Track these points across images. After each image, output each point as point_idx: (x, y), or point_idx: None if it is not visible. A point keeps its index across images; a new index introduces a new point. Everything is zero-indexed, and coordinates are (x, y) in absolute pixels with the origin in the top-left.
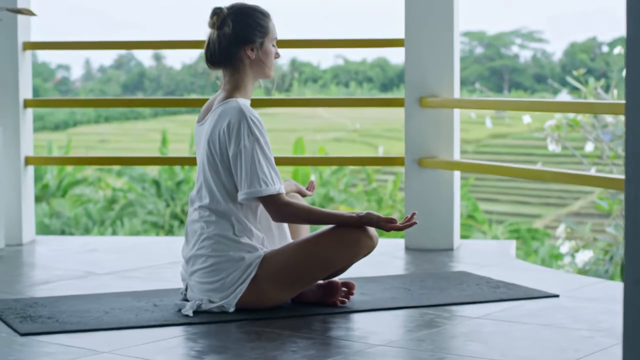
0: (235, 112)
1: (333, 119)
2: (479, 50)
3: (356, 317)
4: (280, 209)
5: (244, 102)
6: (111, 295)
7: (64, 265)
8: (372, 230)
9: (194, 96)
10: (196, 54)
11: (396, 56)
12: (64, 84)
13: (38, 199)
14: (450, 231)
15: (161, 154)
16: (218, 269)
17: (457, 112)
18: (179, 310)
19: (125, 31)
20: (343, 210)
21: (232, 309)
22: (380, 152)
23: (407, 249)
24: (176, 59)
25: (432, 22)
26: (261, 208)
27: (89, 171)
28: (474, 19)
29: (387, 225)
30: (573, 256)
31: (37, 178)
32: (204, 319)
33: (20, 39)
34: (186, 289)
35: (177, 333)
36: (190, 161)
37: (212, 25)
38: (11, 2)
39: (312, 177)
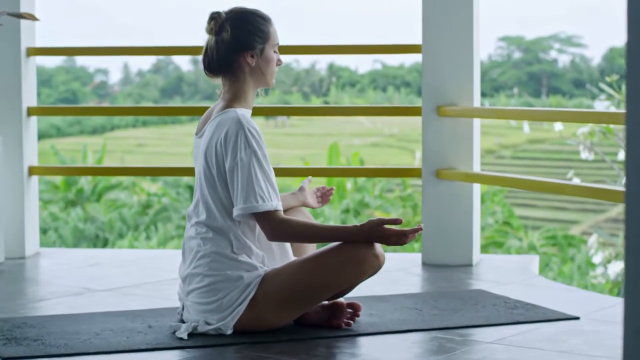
0: (232, 123)
1: (368, 123)
2: (517, 55)
3: (362, 340)
4: (276, 227)
5: (242, 112)
6: (105, 314)
7: (63, 280)
8: (379, 248)
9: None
10: None
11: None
12: (102, 88)
13: (73, 204)
14: (470, 246)
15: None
16: (215, 289)
17: (477, 121)
18: (174, 333)
19: (132, 36)
20: (380, 216)
21: (229, 332)
22: (418, 158)
23: (424, 264)
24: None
25: (450, 27)
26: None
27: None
28: (512, 23)
29: (390, 240)
30: (605, 267)
31: (72, 182)
32: (199, 342)
33: (23, 44)
34: (183, 309)
35: (169, 358)
36: (188, 172)
37: (210, 30)
38: (14, 7)
39: (328, 187)
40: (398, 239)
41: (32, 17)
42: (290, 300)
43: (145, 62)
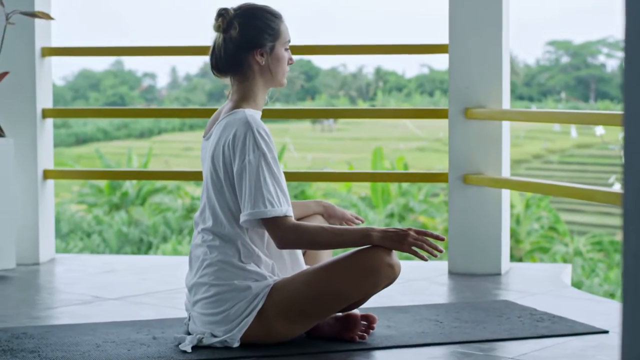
0: (240, 124)
1: (414, 127)
2: (565, 59)
3: (376, 355)
4: (286, 234)
5: (251, 113)
6: (110, 325)
7: (73, 288)
8: (394, 257)
9: (277, 105)
10: None
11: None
12: (149, 92)
13: (117, 207)
14: (498, 254)
15: None
16: (221, 299)
17: (506, 124)
18: (178, 345)
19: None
20: (424, 220)
21: (236, 344)
22: None
23: (450, 273)
24: None
25: (478, 26)
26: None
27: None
28: (561, 28)
29: (407, 241)
30: None
31: (117, 186)
32: (203, 356)
33: (38, 44)
34: (189, 320)
35: None
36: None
37: (218, 28)
38: (28, 5)
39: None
40: (416, 238)
41: (46, 16)
42: (301, 311)
43: (193, 66)
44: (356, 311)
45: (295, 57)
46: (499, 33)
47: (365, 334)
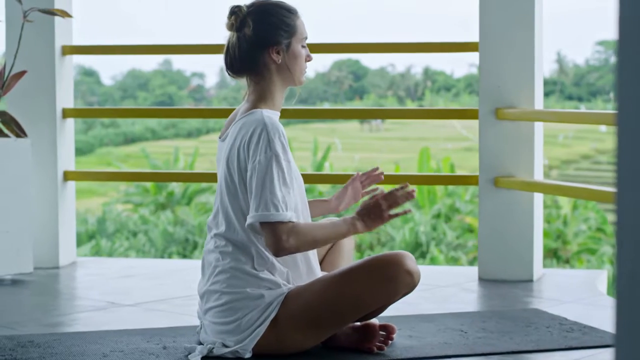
0: (255, 125)
1: (462, 128)
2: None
3: None
4: (288, 240)
5: (268, 113)
6: (120, 333)
7: (89, 293)
8: (413, 264)
9: (326, 105)
10: (329, 61)
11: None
12: (198, 92)
13: (163, 207)
14: (530, 260)
15: None
16: (233, 308)
17: (539, 125)
18: (188, 355)
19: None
20: (470, 221)
21: (248, 355)
22: None
23: (481, 279)
24: (310, 66)
25: (510, 23)
26: None
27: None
28: (608, 27)
29: (383, 209)
30: None
31: (163, 185)
32: None
33: (58, 42)
34: (201, 329)
35: None
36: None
37: (231, 26)
38: (47, 3)
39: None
40: (388, 202)
41: (64, 14)
42: (316, 321)
43: None
44: (375, 320)
45: (326, 56)
46: (531, 29)
47: (383, 345)
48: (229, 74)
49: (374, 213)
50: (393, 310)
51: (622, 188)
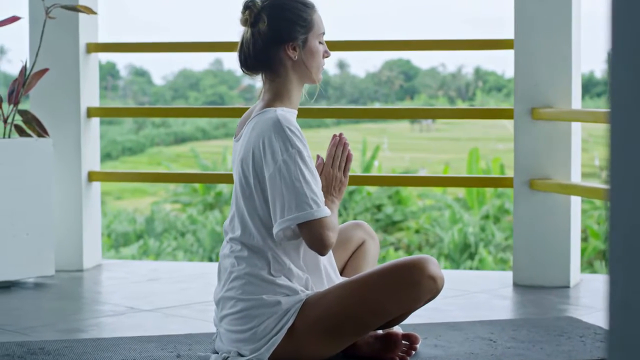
0: (269, 124)
1: (512, 127)
2: None
3: None
4: (333, 235)
5: (283, 112)
6: (135, 340)
7: (110, 297)
8: (436, 269)
9: (376, 105)
10: (380, 61)
11: (585, 64)
12: (248, 91)
13: (211, 207)
14: (567, 265)
15: None
16: (249, 315)
17: (576, 125)
18: None
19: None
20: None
21: None
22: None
23: (515, 285)
24: (360, 67)
25: (546, 19)
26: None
27: None
28: None
29: (335, 174)
30: None
31: (212, 185)
32: None
33: (82, 39)
34: (217, 337)
35: None
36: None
37: (245, 22)
38: (72, 1)
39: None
40: (338, 169)
41: (88, 11)
42: (335, 328)
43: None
44: (398, 329)
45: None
46: (568, 26)
47: (406, 355)
48: (243, 71)
49: (333, 185)
50: (421, 318)
51: (615, 190)
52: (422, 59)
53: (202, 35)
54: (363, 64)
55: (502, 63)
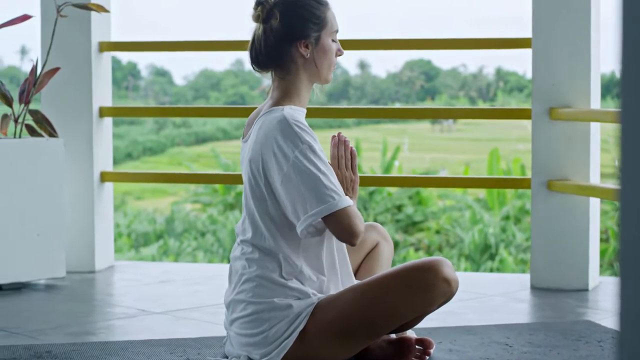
0: (275, 124)
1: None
2: None
3: None
4: (359, 223)
5: (290, 110)
6: (144, 343)
7: (121, 299)
8: (450, 271)
9: (397, 105)
10: (401, 61)
11: (606, 64)
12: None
13: (231, 207)
14: (585, 268)
15: None
16: (259, 319)
17: (595, 126)
18: None
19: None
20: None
21: None
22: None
23: (533, 288)
24: (381, 67)
25: (565, 18)
26: (326, 242)
27: None
28: None
29: (353, 177)
30: None
31: (232, 186)
32: None
33: (94, 38)
34: (227, 340)
35: None
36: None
37: (257, 18)
38: None
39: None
40: (345, 170)
41: (100, 9)
42: (347, 332)
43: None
44: (412, 333)
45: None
46: (587, 24)
47: None
48: (253, 69)
49: (346, 186)
50: (435, 321)
51: (626, 191)
52: (443, 59)
53: (203, 35)
54: (384, 64)
55: (523, 63)
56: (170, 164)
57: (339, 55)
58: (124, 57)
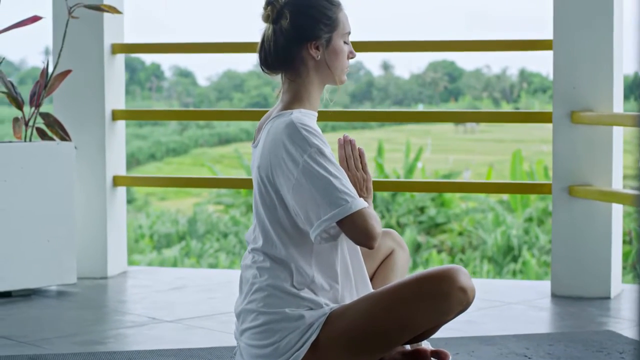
0: (283, 128)
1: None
2: None
3: None
4: (376, 225)
5: (300, 114)
6: (152, 354)
7: (132, 306)
8: (466, 279)
9: (420, 107)
10: (424, 62)
11: (629, 65)
12: None
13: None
14: (607, 275)
15: (375, 164)
16: (270, 330)
17: (618, 130)
18: None
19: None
20: None
21: None
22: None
23: (554, 296)
24: (405, 68)
25: (586, 19)
26: (339, 250)
27: None
28: None
29: (365, 177)
30: None
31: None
32: None
33: (107, 40)
34: (237, 351)
35: None
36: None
37: (267, 18)
38: (96, 0)
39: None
40: (357, 173)
41: (113, 10)
42: (360, 343)
43: None
44: (427, 345)
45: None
46: (610, 25)
47: None
48: (262, 70)
49: (360, 186)
50: (453, 331)
51: None
52: (466, 60)
53: (207, 37)
54: (407, 65)
55: (547, 65)
56: (194, 165)
57: (351, 57)
58: (148, 58)
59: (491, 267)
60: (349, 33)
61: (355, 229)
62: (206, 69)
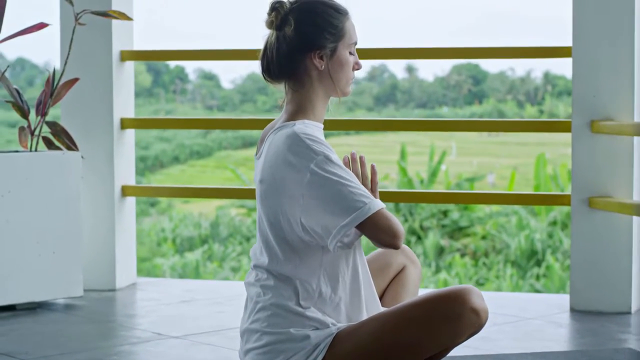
0: (284, 139)
1: None
2: None
3: None
4: (397, 224)
5: (304, 125)
6: None
7: (138, 321)
8: (479, 300)
9: (445, 109)
10: (449, 65)
11: None
12: None
13: None
14: (628, 290)
15: (398, 167)
16: (275, 350)
17: (638, 140)
18: None
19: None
20: None
21: None
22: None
23: (572, 310)
24: (429, 70)
25: (607, 26)
26: (351, 264)
27: None
28: None
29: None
30: None
31: None
32: None
33: (116, 47)
34: None
35: None
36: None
37: (270, 24)
38: (102, 5)
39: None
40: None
41: (122, 17)
42: None
43: (361, 70)
44: None
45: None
46: (631, 32)
47: None
48: (265, 79)
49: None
50: (467, 349)
51: None
52: (490, 63)
53: (224, 43)
54: (431, 68)
55: (571, 68)
56: (217, 168)
57: (357, 68)
58: (172, 61)
59: (514, 271)
60: (355, 43)
61: (379, 229)
62: (230, 72)
